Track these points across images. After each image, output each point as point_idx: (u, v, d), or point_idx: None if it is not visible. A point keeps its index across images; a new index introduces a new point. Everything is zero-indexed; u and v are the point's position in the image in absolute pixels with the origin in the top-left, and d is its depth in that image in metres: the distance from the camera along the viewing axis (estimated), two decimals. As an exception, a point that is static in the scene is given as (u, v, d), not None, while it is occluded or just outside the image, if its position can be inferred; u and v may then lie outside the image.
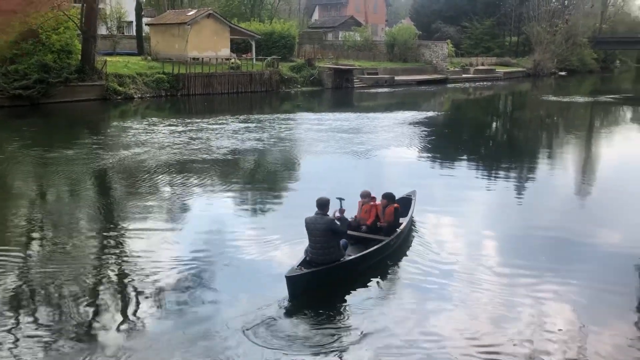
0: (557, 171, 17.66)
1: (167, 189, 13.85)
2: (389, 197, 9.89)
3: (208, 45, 42.12)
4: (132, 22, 48.83)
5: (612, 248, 10.21)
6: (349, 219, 9.51)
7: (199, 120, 25.91)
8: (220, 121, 25.76)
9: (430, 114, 31.92)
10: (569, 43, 72.71)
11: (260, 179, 15.73)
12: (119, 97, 33.58)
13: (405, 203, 10.77)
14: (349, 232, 9.22)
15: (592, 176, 17.33)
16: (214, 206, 12.56)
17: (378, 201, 9.97)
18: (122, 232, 10.61)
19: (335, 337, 6.91)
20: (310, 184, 14.54)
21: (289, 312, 7.46)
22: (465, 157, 19.54)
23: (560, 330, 7.13)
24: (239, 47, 49.07)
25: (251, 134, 22.12)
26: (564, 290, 8.29)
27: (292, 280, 7.77)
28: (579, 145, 23.27)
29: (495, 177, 16.29)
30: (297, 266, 8.13)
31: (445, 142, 22.92)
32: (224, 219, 11.53)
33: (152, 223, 11.13)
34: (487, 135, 27.03)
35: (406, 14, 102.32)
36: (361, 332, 6.99)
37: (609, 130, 28.37)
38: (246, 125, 24.68)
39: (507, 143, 24.90)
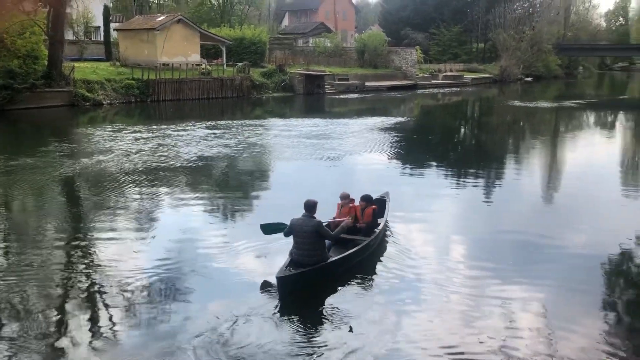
0: (524, 175, 18.07)
1: (135, 197, 13.67)
2: (367, 199, 10.18)
3: (178, 50, 41.87)
4: (99, 27, 48.21)
5: (577, 249, 10.48)
6: (326, 222, 9.51)
7: (168, 127, 25.73)
8: (189, 127, 25.64)
9: (400, 119, 32.30)
10: (534, 49, 74.38)
11: (229, 185, 15.72)
12: (88, 104, 33.12)
13: (380, 204, 10.99)
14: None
15: (557, 180, 17.79)
16: (181, 214, 12.45)
17: (356, 203, 10.20)
18: (89, 242, 10.42)
19: (306, 343, 6.98)
20: (280, 191, 14.68)
21: (261, 321, 7.44)
22: (434, 161, 19.85)
23: (529, 330, 7.32)
24: (209, 52, 48.87)
25: (220, 140, 22.08)
26: (532, 291, 8.50)
27: (283, 281, 7.94)
28: (544, 149, 23.83)
29: (463, 181, 16.59)
30: (286, 267, 8.29)
31: (415, 147, 23.23)
32: (192, 226, 11.45)
33: (119, 232, 10.98)
34: (456, 141, 27.49)
35: (375, 20, 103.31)
36: (335, 339, 7.08)
37: (574, 135, 29.12)
38: (216, 131, 24.61)
39: (475, 148, 25.37)
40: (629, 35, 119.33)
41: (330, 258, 8.72)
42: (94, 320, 7.45)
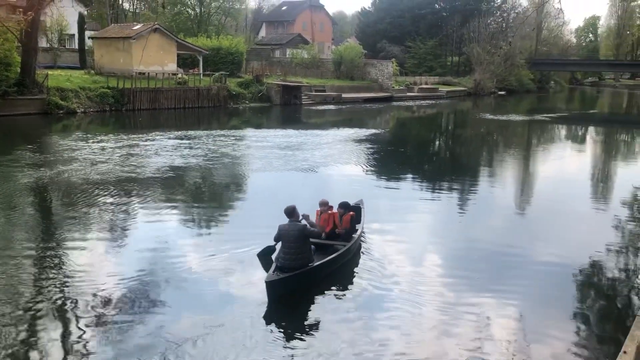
0: (497, 187, 18.36)
1: (104, 207, 13.45)
2: (345, 205, 10.60)
3: (154, 59, 41.63)
4: (74, 35, 47.72)
5: (549, 260, 10.66)
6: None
7: (142, 136, 25.54)
8: (163, 137, 25.46)
9: (376, 131, 32.56)
10: (507, 64, 75.78)
11: (201, 196, 15.63)
12: (61, 112, 32.69)
13: (356, 211, 11.32)
14: (316, 240, 9.76)
15: (529, 192, 18.11)
16: (152, 224, 12.34)
17: (334, 210, 10.58)
18: (58, 253, 10.22)
19: (280, 353, 7.01)
20: (253, 201, 14.78)
21: (236, 330, 7.44)
22: (408, 173, 20.06)
23: (502, 340, 7.43)
24: (186, 62, 48.72)
25: (193, 150, 21.96)
26: (504, 301, 8.63)
27: (272, 285, 8.20)
28: (517, 162, 24.23)
29: (437, 193, 16.81)
30: (273, 272, 8.60)
31: (390, 159, 23.42)
32: (163, 237, 11.33)
33: (89, 243, 10.81)
34: (431, 153, 27.81)
35: (352, 32, 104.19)
36: (307, 348, 7.11)
37: (545, 148, 29.70)
38: (189, 141, 24.48)
39: (449, 160, 25.68)
40: (598, 52, 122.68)
41: (315, 262, 9.02)
42: (64, 333, 7.32)
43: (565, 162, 24.69)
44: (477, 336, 7.52)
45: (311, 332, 7.64)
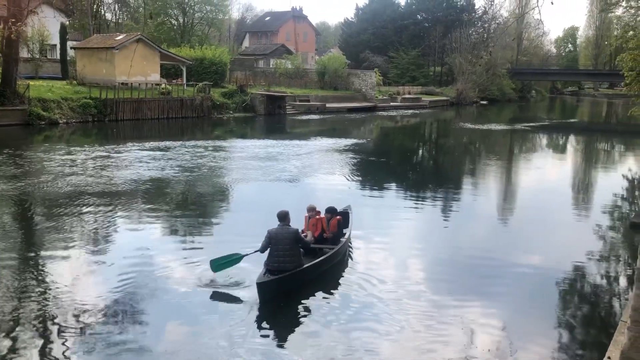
0: (480, 196, 18.53)
1: (86, 218, 13.33)
2: (332, 210, 10.92)
3: (137, 70, 41.39)
4: (55, 45, 47.33)
5: (532, 268, 10.81)
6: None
7: (125, 147, 25.38)
8: (147, 147, 25.29)
9: (360, 140, 32.72)
10: (489, 73, 76.65)
11: (184, 205, 15.54)
12: (43, 123, 32.34)
13: (344, 216, 11.65)
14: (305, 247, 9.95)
15: (511, 200, 18.31)
16: (135, 233, 12.30)
17: (322, 214, 10.86)
18: (40, 264, 10.12)
19: (270, 353, 7.04)
20: (237, 210, 14.81)
21: (221, 341, 7.41)
22: (392, 182, 20.17)
23: (488, 348, 7.49)
24: (169, 72, 48.54)
25: (177, 161, 21.86)
26: (489, 309, 8.71)
27: (263, 287, 8.42)
28: (499, 171, 24.49)
29: (421, 202, 16.91)
30: (264, 274, 8.85)
31: (374, 168, 23.53)
32: (146, 246, 11.28)
33: (71, 253, 10.71)
34: (414, 162, 27.99)
35: (335, 43, 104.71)
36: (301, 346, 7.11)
37: (527, 157, 30.05)
38: (173, 151, 24.36)
39: (432, 169, 25.87)
40: (578, 61, 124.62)
41: (304, 264, 9.27)
42: (46, 344, 7.22)
43: (547, 170, 24.99)
44: (461, 342, 7.58)
45: (299, 334, 7.72)
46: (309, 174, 20.33)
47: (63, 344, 7.23)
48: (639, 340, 4.39)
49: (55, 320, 7.86)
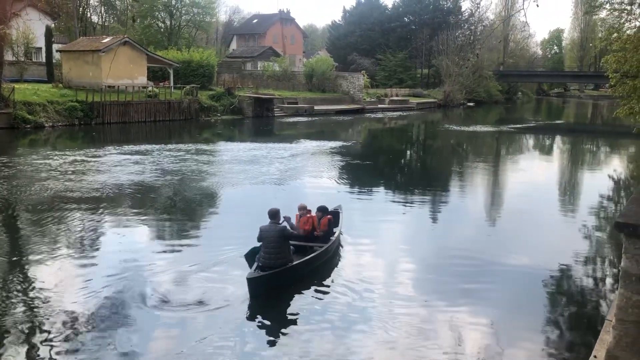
0: (467, 197, 18.62)
1: (72, 222, 13.22)
2: (323, 209, 11.21)
3: (124, 73, 41.21)
4: (41, 48, 46.94)
5: (520, 268, 10.88)
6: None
7: (111, 150, 25.25)
8: (133, 150, 25.15)
9: (348, 142, 32.78)
10: (475, 76, 77.14)
11: (172, 208, 15.48)
12: (28, 126, 32.08)
13: (334, 215, 12.00)
14: (295, 242, 10.26)
15: (499, 201, 18.40)
16: (121, 238, 12.21)
17: (313, 213, 11.10)
18: (26, 270, 10.01)
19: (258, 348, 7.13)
20: (224, 212, 14.79)
21: (210, 348, 7.38)
22: (381, 184, 20.22)
23: (476, 347, 7.53)
24: (156, 75, 48.35)
25: (164, 164, 21.76)
26: (477, 309, 8.75)
27: (253, 282, 8.67)
28: (486, 172, 24.61)
29: (410, 203, 16.96)
30: (254, 270, 9.12)
31: (362, 170, 23.57)
32: (133, 249, 11.23)
33: (58, 258, 10.60)
34: (402, 164, 28.07)
35: (323, 45, 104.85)
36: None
37: (514, 158, 30.27)
38: (160, 154, 24.25)
39: (420, 171, 25.98)
40: (563, 63, 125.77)
41: (294, 261, 9.55)
42: (30, 353, 7.10)
43: (533, 171, 25.17)
44: (449, 342, 7.62)
45: (286, 332, 7.83)
46: (296, 176, 20.32)
47: (49, 351, 7.15)
48: (624, 339, 4.44)
49: (40, 327, 7.77)
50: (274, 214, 9.60)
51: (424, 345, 7.53)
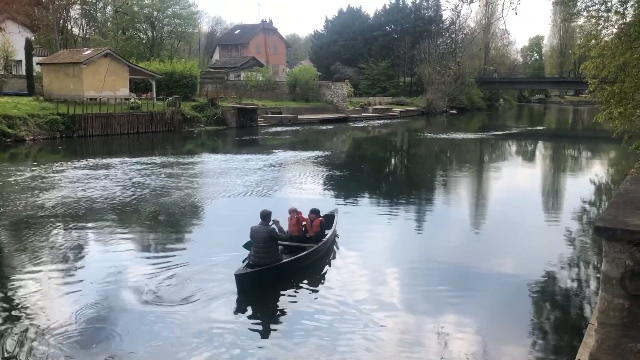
0: (452, 205, 18.72)
1: (54, 237, 13.08)
2: (315, 211, 11.81)
3: (106, 85, 40.82)
4: (21, 61, 46.55)
5: (505, 274, 10.95)
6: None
7: (93, 163, 25.01)
8: (116, 163, 24.95)
9: (333, 151, 32.81)
10: (457, 83, 77.80)
11: (150, 222, 15.25)
12: (9, 140, 31.69)
13: (330, 217, 12.91)
14: (284, 242, 10.83)
15: (483, 208, 18.50)
16: (103, 253, 12.08)
17: (305, 215, 11.77)
18: (7, 287, 9.85)
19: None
20: (209, 224, 14.77)
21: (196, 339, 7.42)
22: (365, 192, 20.25)
23: (462, 353, 7.52)
24: (138, 86, 48.11)
25: (146, 177, 21.60)
26: (463, 315, 8.77)
27: (240, 278, 9.20)
28: (470, 179, 24.78)
29: (395, 211, 16.98)
30: (243, 267, 9.63)
31: (347, 179, 23.55)
32: (115, 264, 11.06)
33: (40, 274, 10.44)
34: (387, 172, 28.13)
35: (306, 55, 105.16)
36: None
37: (497, 165, 30.48)
38: (143, 166, 24.08)
39: (405, 179, 26.05)
40: (544, 70, 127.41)
41: (283, 260, 10.11)
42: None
43: (517, 177, 25.38)
44: (434, 348, 7.64)
45: (272, 333, 8.10)
46: (285, 185, 20.30)
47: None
48: (606, 342, 4.46)
49: (24, 342, 7.66)
50: (265, 216, 10.11)
51: (410, 351, 7.52)
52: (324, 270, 10.76)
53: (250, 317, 8.72)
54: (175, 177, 21.42)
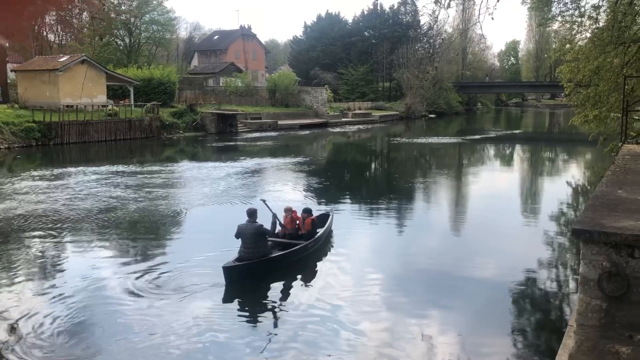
0: (431, 209, 18.82)
1: (30, 246, 12.89)
2: (308, 211, 12.49)
3: (83, 92, 40.33)
4: (-5, 68, 45.80)
5: (485, 277, 11.00)
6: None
7: (70, 171, 24.66)
8: (93, 171, 24.57)
9: (312, 157, 32.82)
10: (436, 88, 78.54)
11: (130, 229, 14.99)
12: (-18, 148, 31.11)
13: (324, 217, 13.62)
14: (277, 239, 11.57)
15: (462, 211, 18.62)
16: (80, 261, 11.87)
17: (299, 214, 12.32)
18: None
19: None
20: (186, 232, 14.58)
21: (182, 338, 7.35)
22: (346, 197, 20.24)
23: (444, 357, 7.54)
24: (116, 93, 47.63)
25: (124, 185, 21.36)
26: (443, 319, 8.80)
27: (228, 271, 9.72)
28: (449, 183, 24.95)
29: (375, 216, 17.01)
30: (232, 261, 10.10)
31: (327, 184, 23.56)
32: (94, 272, 10.91)
33: (18, 283, 10.28)
34: (367, 177, 28.23)
35: (285, 60, 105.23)
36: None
37: (476, 168, 30.74)
38: (120, 174, 23.82)
39: (385, 184, 26.09)
40: (520, 74, 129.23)
41: (271, 255, 10.65)
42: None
43: (495, 181, 25.62)
44: (416, 351, 7.63)
45: (257, 334, 8.17)
46: (266, 191, 20.18)
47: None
48: (585, 344, 4.50)
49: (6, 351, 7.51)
50: (251, 213, 10.64)
51: (388, 349, 7.54)
52: (314, 267, 11.25)
53: (238, 310, 9.16)
54: (152, 185, 21.19)
